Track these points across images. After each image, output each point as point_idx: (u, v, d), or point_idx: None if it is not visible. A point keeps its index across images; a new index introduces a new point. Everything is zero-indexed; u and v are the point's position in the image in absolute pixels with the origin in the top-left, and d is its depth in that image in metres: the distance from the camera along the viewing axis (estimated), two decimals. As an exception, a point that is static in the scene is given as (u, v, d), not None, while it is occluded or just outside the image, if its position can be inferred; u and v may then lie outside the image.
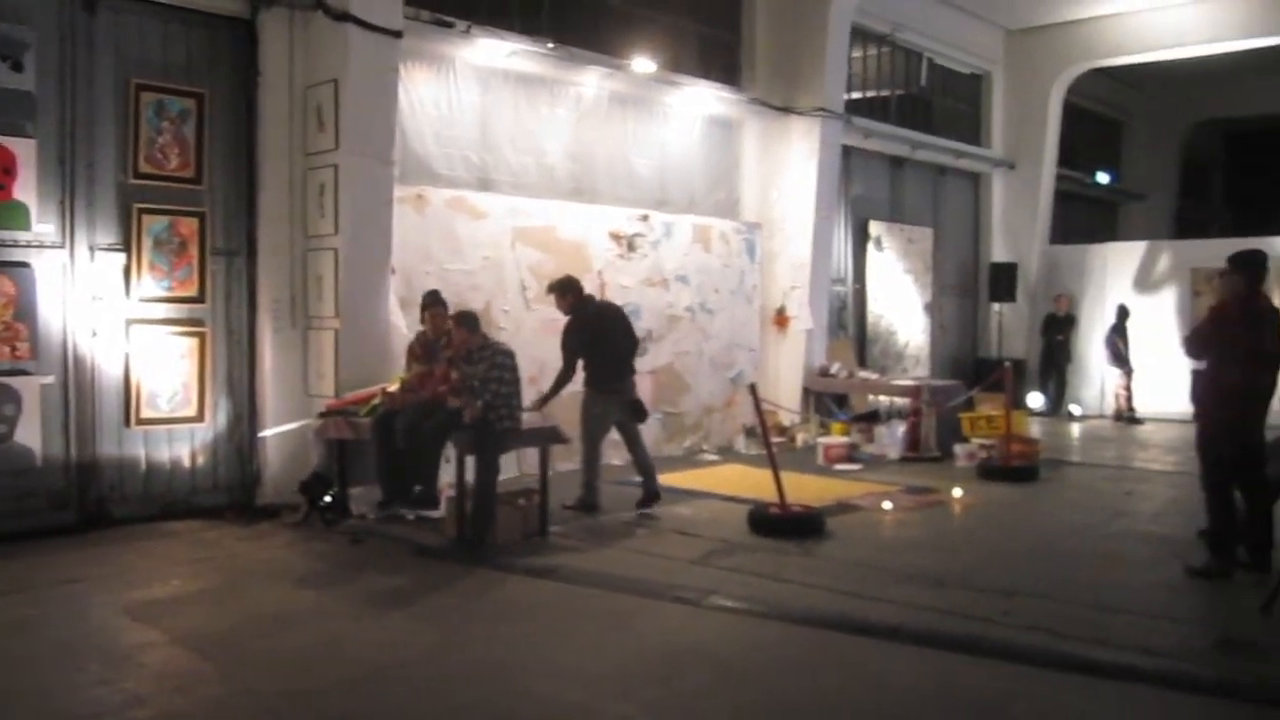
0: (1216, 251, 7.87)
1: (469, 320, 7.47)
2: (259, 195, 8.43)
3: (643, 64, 11.20)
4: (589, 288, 9.16)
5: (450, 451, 7.53)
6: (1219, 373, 6.41)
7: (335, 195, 8.32)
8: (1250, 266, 6.44)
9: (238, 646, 5.21)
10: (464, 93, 9.93)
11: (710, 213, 12.19)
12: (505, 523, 7.25)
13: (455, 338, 7.57)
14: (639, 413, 8.46)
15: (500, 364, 7.27)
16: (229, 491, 8.33)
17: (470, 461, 7.21)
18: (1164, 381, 14.16)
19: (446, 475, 7.67)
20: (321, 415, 8.17)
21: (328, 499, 7.89)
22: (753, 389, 8.26)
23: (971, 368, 16.06)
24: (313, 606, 6.01)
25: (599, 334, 8.31)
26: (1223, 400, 6.39)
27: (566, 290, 8.39)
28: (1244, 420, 6.39)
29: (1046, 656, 5.03)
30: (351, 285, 8.37)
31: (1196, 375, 6.70)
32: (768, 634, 5.53)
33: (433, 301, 8.11)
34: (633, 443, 8.50)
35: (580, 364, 8.27)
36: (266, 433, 8.40)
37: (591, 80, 10.99)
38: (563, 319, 8.39)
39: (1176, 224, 22.57)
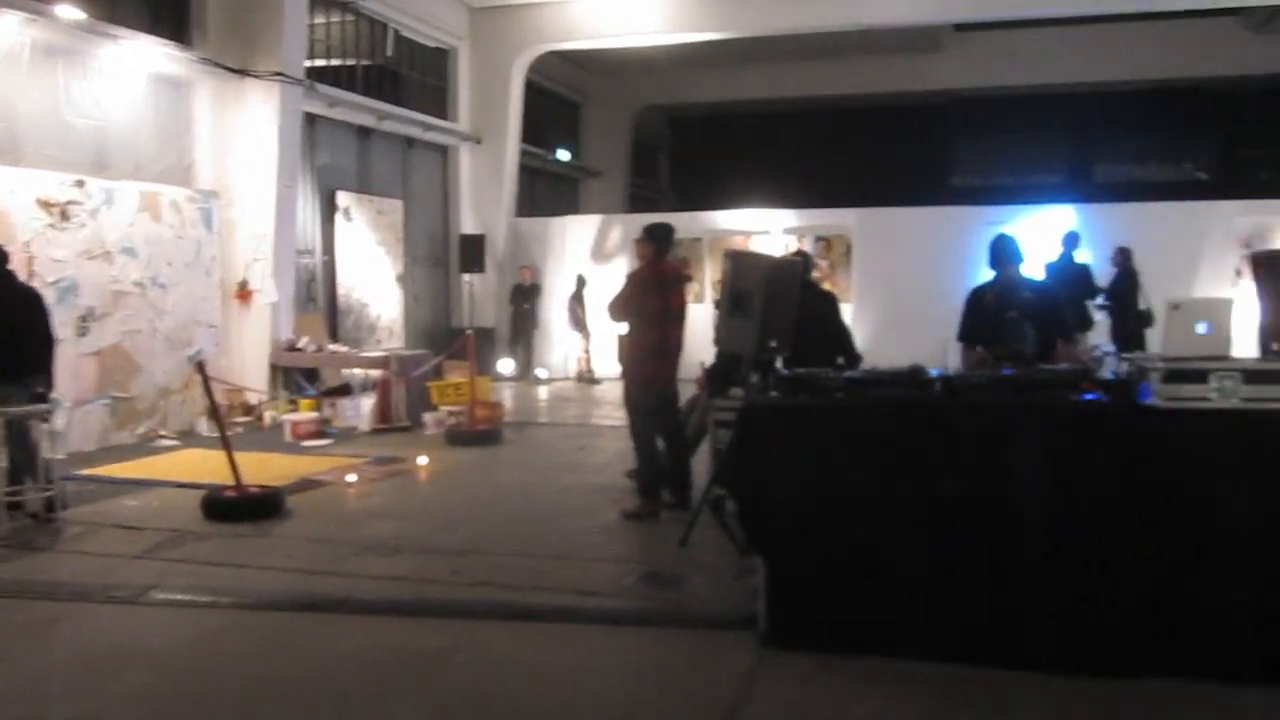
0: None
1: None
2: None
3: (69, 10, 10.09)
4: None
5: None
6: (638, 333, 7.08)
7: None
8: (659, 236, 7.16)
9: None
10: None
11: (159, 179, 11.29)
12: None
13: None
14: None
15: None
16: None
17: None
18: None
19: None
20: None
21: None
22: (200, 367, 7.77)
23: (445, 337, 16.41)
24: None
25: (8, 321, 7.15)
26: (642, 357, 7.07)
27: None
28: (660, 374, 7.11)
29: (491, 608, 5.28)
30: None
31: (622, 338, 7.36)
32: (213, 623, 5.26)
33: None
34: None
35: None
36: None
37: (9, 25, 9.70)
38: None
39: (629, 199, 24.61)
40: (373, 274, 15.31)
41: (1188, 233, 14.69)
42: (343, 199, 14.70)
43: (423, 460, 9.27)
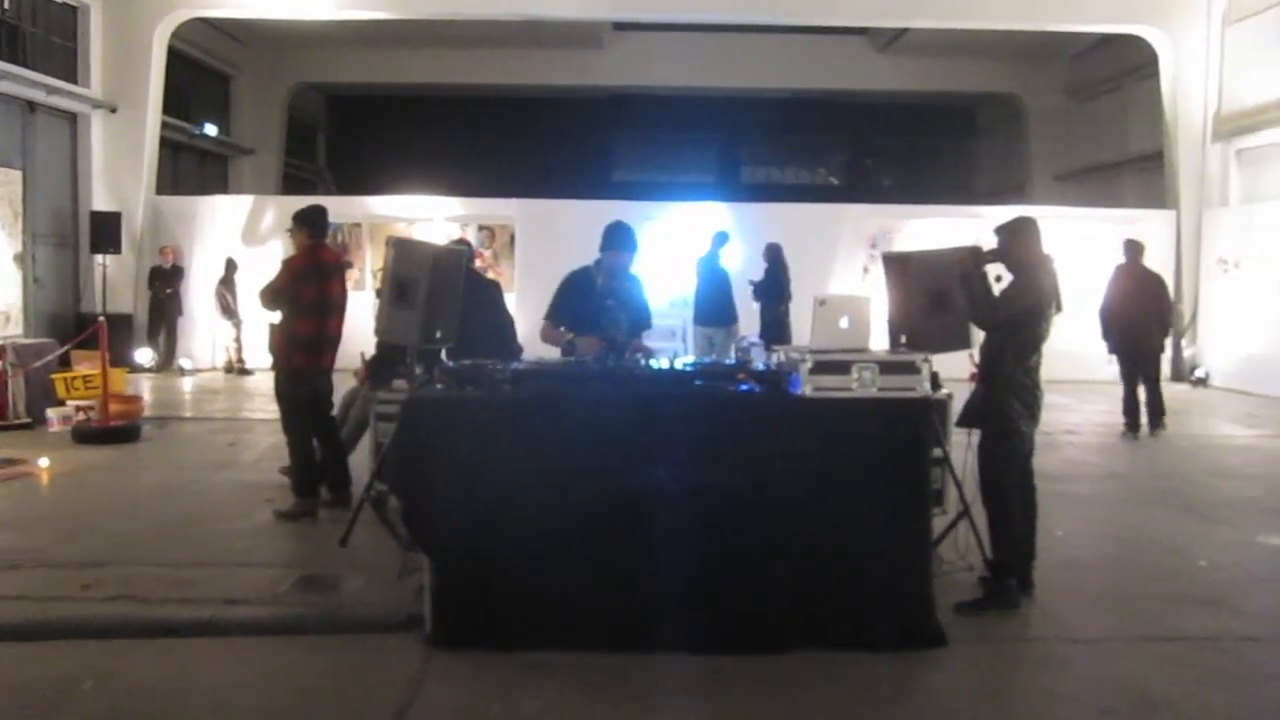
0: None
1: None
2: None
3: None
4: None
5: None
6: (291, 322, 6.72)
7: None
8: (313, 222, 6.83)
9: None
10: None
11: None
12: None
13: None
14: None
15: None
16: None
17: None
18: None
19: None
20: None
21: None
22: None
23: (74, 324, 14.93)
24: None
25: None
26: (295, 348, 6.71)
27: None
28: (315, 366, 6.78)
29: (127, 626, 4.82)
30: None
31: (273, 327, 6.95)
32: None
33: None
34: None
35: None
36: None
37: None
38: None
39: (284, 180, 23.45)
40: (-15, 253, 13.67)
41: (822, 232, 15.90)
42: (-53, 168, 13.02)
43: (44, 462, 8.34)
